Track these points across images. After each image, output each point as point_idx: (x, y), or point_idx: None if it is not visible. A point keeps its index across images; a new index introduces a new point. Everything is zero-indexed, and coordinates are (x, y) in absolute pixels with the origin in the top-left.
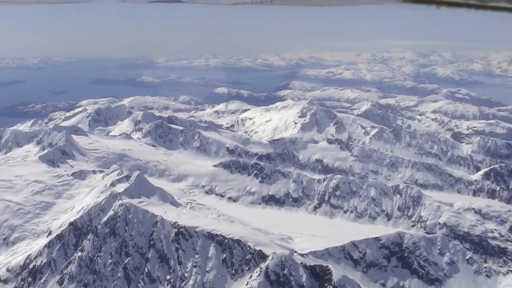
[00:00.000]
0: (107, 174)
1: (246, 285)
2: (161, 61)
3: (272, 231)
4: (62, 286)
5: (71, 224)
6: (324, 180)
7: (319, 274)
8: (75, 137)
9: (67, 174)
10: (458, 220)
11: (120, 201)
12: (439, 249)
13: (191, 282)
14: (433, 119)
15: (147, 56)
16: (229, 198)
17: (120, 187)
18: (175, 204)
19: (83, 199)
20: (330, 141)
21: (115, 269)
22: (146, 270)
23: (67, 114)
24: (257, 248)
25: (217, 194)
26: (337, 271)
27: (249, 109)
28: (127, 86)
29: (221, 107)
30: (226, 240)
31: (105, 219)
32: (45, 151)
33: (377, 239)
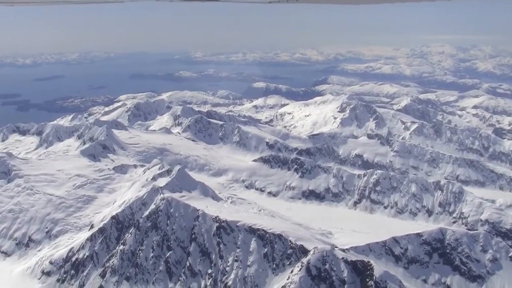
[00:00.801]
0: (148, 168)
1: (287, 279)
2: (198, 56)
3: (312, 226)
4: (104, 279)
5: (113, 217)
6: (364, 175)
7: (360, 270)
8: (115, 131)
9: (108, 168)
10: (500, 217)
11: (161, 195)
12: (481, 246)
13: (232, 276)
14: (474, 115)
15: (185, 51)
16: (269, 192)
17: (162, 181)
18: (216, 198)
19: (125, 193)
20: (370, 136)
21: (156, 263)
22: (188, 264)
23: (106, 108)
24: (298, 243)
25: (257, 189)
26: (379, 267)
27: (287, 104)
28: (165, 81)
29: (259, 101)
30: (267, 235)
31: (147, 213)
32: (86, 145)
33: (418, 235)
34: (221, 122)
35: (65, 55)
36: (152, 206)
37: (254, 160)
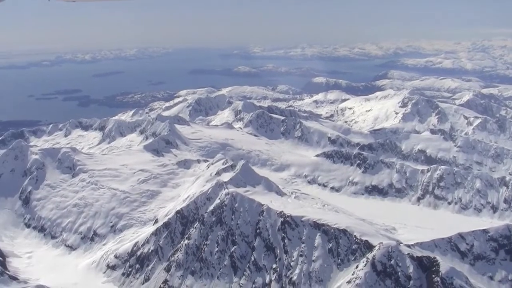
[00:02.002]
0: (212, 163)
1: (352, 275)
2: (257, 51)
3: (376, 222)
4: (169, 273)
5: (177, 212)
6: (428, 170)
7: (426, 266)
8: (177, 126)
9: (172, 163)
10: None
11: (226, 190)
12: None
13: (297, 271)
14: None
15: (243, 46)
16: (332, 188)
17: (226, 176)
18: (280, 193)
19: (189, 188)
20: (433, 132)
21: (221, 257)
22: (252, 258)
23: (167, 104)
24: (363, 238)
25: (319, 184)
26: (445, 263)
27: (348, 99)
28: (224, 76)
29: (320, 96)
30: (332, 230)
31: (211, 207)
32: (149, 140)
33: (485, 231)
34: (282, 117)
35: (124, 51)
36: (217, 201)
37: (317, 155)
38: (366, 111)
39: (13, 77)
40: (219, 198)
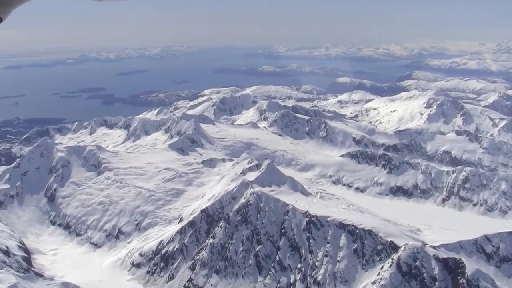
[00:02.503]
0: (237, 163)
1: (377, 275)
2: (281, 51)
3: (400, 223)
4: (194, 271)
5: (203, 211)
6: (453, 172)
7: (451, 267)
8: (202, 125)
9: (197, 162)
10: None
11: (251, 189)
12: None
13: (321, 271)
14: None
15: (267, 45)
16: (357, 188)
17: (251, 176)
18: (305, 193)
19: (214, 187)
20: (458, 133)
21: (246, 257)
22: (277, 258)
23: (191, 103)
24: (389, 239)
25: (344, 184)
26: (470, 265)
27: (372, 99)
28: (248, 75)
29: (344, 96)
30: (357, 230)
31: (236, 207)
32: (174, 139)
33: (511, 233)
34: (307, 117)
35: (148, 49)
36: (242, 200)
37: (342, 156)
38: (391, 111)
39: (38, 75)
40: (244, 198)
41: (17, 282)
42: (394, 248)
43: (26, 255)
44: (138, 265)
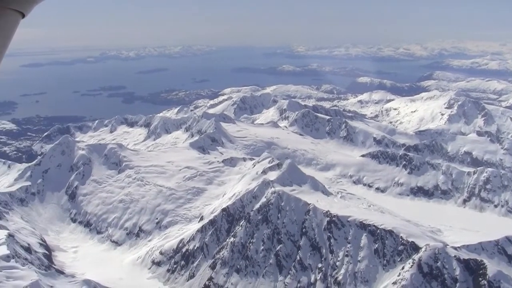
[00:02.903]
0: (258, 162)
1: (398, 276)
2: (301, 50)
3: (421, 223)
4: (214, 270)
5: (223, 210)
6: (474, 173)
7: (473, 268)
8: (223, 124)
9: (218, 161)
10: None
11: (272, 189)
12: None
13: (342, 271)
14: None
15: (287, 45)
16: (377, 188)
17: (272, 175)
18: (326, 193)
19: (234, 185)
20: (479, 134)
21: (267, 256)
22: (298, 257)
23: (211, 101)
24: (410, 239)
25: (364, 184)
26: (492, 266)
27: (393, 99)
28: (268, 74)
29: (364, 96)
30: (378, 231)
31: (257, 206)
32: (195, 138)
33: None
34: (327, 117)
35: (168, 48)
36: (263, 199)
37: (362, 155)
38: (412, 112)
39: (58, 73)
40: (265, 197)
41: (39, 279)
42: (415, 248)
43: (47, 252)
44: (158, 263)
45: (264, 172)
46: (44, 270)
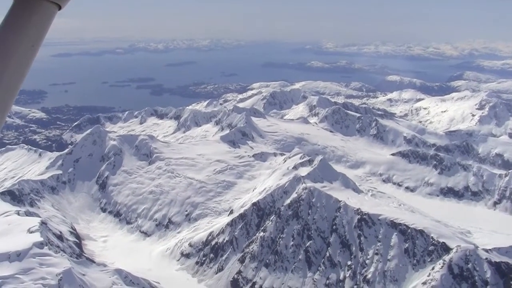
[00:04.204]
0: (289, 157)
1: (428, 276)
2: (329, 47)
3: (451, 224)
4: (243, 264)
5: (254, 204)
6: (506, 175)
7: (504, 271)
8: (253, 119)
9: (248, 155)
10: None
11: (303, 185)
12: None
13: (372, 269)
14: None
15: (316, 41)
16: (407, 188)
17: (303, 171)
18: (356, 190)
19: (265, 180)
20: (511, 136)
21: (296, 251)
22: (327, 254)
23: (241, 96)
24: (440, 240)
25: (394, 183)
26: None
27: (423, 99)
28: (297, 70)
29: (394, 95)
30: (409, 230)
31: (288, 201)
32: (225, 131)
33: None
34: (358, 114)
35: (197, 41)
36: (294, 195)
37: (392, 154)
38: (442, 111)
39: (87, 64)
40: (296, 192)
41: (72, 267)
42: (446, 249)
43: (77, 240)
44: (187, 255)
45: (295, 167)
46: (75, 258)
